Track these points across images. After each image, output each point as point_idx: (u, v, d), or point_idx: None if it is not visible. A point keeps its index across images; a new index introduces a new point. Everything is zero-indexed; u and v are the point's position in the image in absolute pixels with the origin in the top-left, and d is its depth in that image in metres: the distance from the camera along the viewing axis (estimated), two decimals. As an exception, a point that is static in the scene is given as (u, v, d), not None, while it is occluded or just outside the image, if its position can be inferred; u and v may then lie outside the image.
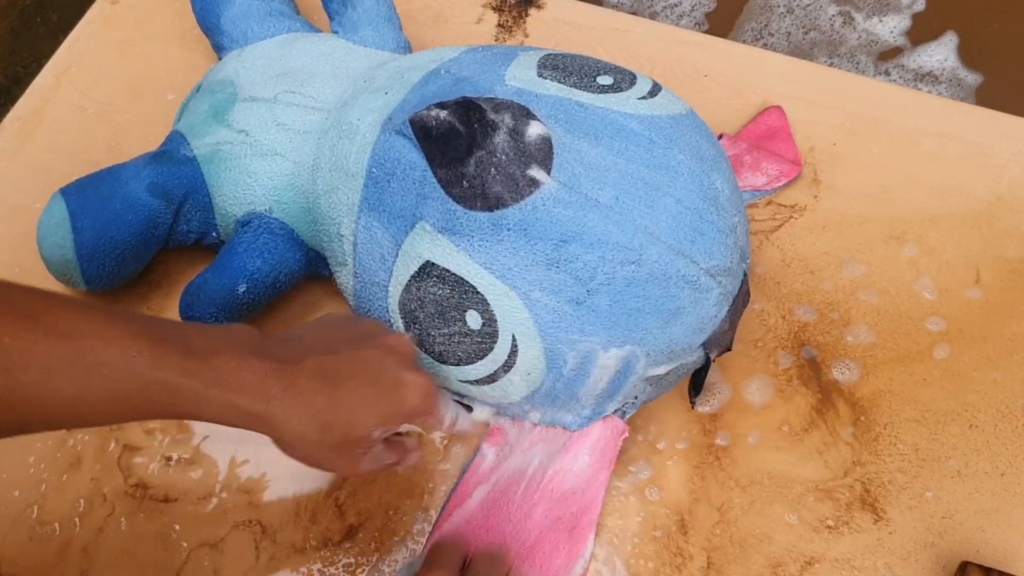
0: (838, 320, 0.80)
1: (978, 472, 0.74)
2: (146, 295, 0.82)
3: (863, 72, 1.53)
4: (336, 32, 0.83)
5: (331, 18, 0.84)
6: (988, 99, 0.93)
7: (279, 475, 0.74)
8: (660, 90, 0.69)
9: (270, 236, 0.76)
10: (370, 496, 0.73)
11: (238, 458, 0.75)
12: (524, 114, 0.63)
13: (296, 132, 0.76)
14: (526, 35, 0.95)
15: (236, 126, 0.77)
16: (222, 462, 0.75)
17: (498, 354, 0.64)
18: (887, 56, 1.56)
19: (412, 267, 0.64)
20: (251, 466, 0.75)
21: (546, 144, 0.62)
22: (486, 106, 0.64)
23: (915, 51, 1.55)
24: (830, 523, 0.72)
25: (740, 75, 0.93)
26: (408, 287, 0.64)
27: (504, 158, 0.62)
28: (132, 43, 0.96)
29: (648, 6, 1.60)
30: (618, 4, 1.60)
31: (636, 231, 0.61)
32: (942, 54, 1.55)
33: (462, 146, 0.64)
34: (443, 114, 0.65)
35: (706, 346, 0.66)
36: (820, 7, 1.60)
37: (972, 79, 1.52)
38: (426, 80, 0.69)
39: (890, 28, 1.58)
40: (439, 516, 0.72)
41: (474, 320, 0.63)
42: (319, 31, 0.85)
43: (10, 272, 0.83)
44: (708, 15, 1.60)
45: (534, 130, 0.62)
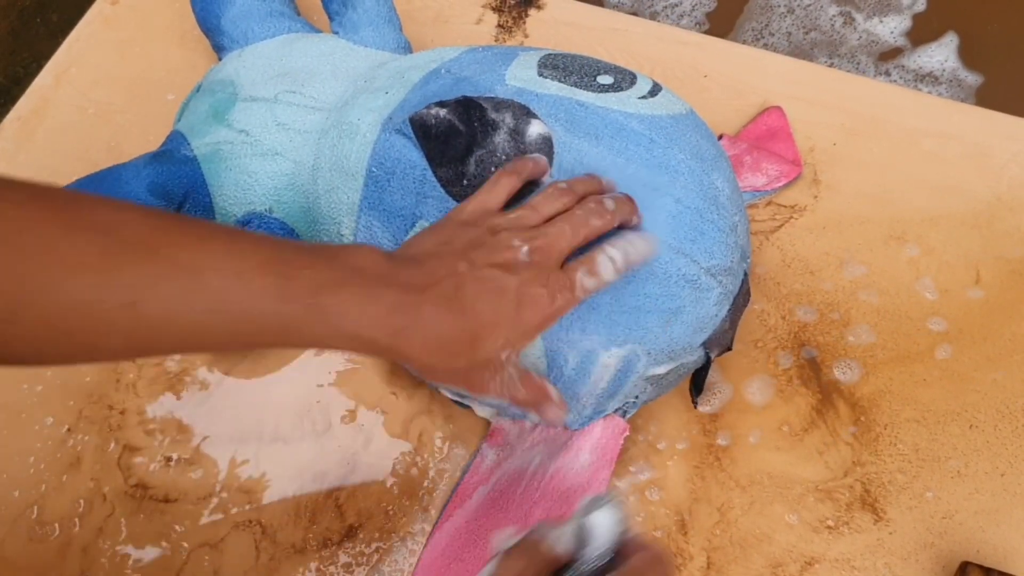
0: (838, 320, 0.80)
1: (978, 472, 0.74)
2: None
3: (863, 72, 1.53)
4: (336, 33, 0.83)
5: (331, 19, 0.84)
6: (988, 100, 0.93)
7: (279, 475, 0.74)
8: (660, 90, 0.69)
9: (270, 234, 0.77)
10: (370, 496, 0.73)
11: (238, 458, 0.75)
12: (525, 113, 0.63)
13: (296, 132, 0.76)
14: (526, 35, 0.95)
15: (236, 126, 0.77)
16: (222, 462, 0.75)
17: None
18: (887, 56, 1.56)
19: None
20: (251, 466, 0.75)
21: (547, 143, 0.62)
22: (487, 105, 0.64)
23: (915, 51, 1.55)
24: (830, 523, 0.72)
25: (740, 75, 0.93)
26: None
27: (504, 157, 0.63)
28: (132, 43, 0.96)
29: (648, 6, 1.60)
30: (618, 4, 1.60)
31: (645, 224, 0.62)
32: (942, 55, 1.55)
33: (462, 145, 0.64)
34: (443, 112, 0.65)
35: (707, 345, 0.66)
36: (821, 7, 1.60)
37: (972, 79, 1.52)
38: (426, 80, 0.69)
39: (890, 28, 1.58)
40: (439, 516, 0.72)
41: None
42: (319, 31, 0.85)
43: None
44: (708, 15, 1.60)
45: (535, 129, 0.63)
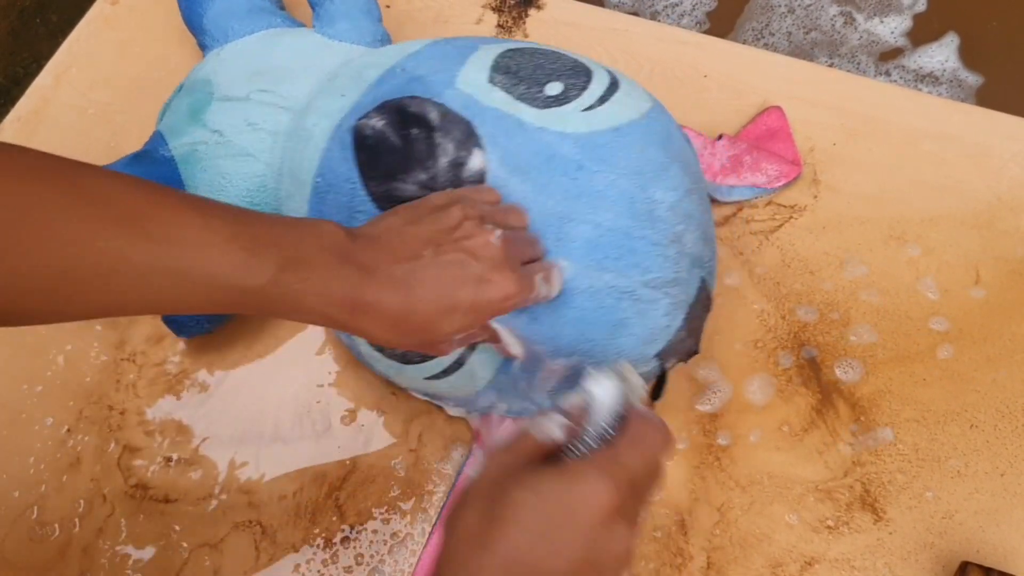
0: (838, 320, 0.80)
1: (978, 472, 0.74)
2: None
3: (864, 73, 1.53)
4: (316, 27, 0.82)
5: (313, 11, 0.83)
6: (989, 100, 0.93)
7: (279, 475, 0.74)
8: (615, 91, 0.68)
9: None
10: (370, 496, 0.73)
11: (238, 459, 0.75)
12: (468, 136, 0.63)
13: (267, 132, 0.75)
14: (526, 35, 0.95)
15: (211, 126, 0.77)
16: (222, 463, 0.75)
17: (447, 357, 0.66)
18: (888, 57, 1.56)
19: None
20: (251, 467, 0.75)
21: (480, 178, 0.63)
22: (430, 116, 0.64)
23: (916, 52, 1.55)
24: (830, 523, 0.72)
25: (740, 75, 0.93)
26: None
27: (442, 185, 0.63)
28: (132, 43, 0.96)
29: (649, 5, 1.60)
30: (619, 4, 1.60)
31: (552, 255, 0.62)
32: (943, 55, 1.54)
33: (397, 161, 0.64)
34: (379, 124, 0.65)
35: (662, 355, 0.67)
36: (821, 7, 1.60)
37: (973, 80, 1.52)
38: (382, 80, 0.69)
39: (891, 29, 1.58)
40: (438, 516, 0.72)
41: None
42: (301, 26, 0.84)
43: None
44: (709, 14, 1.60)
45: (474, 163, 0.63)
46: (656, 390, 0.72)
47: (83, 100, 0.93)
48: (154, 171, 0.77)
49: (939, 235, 0.84)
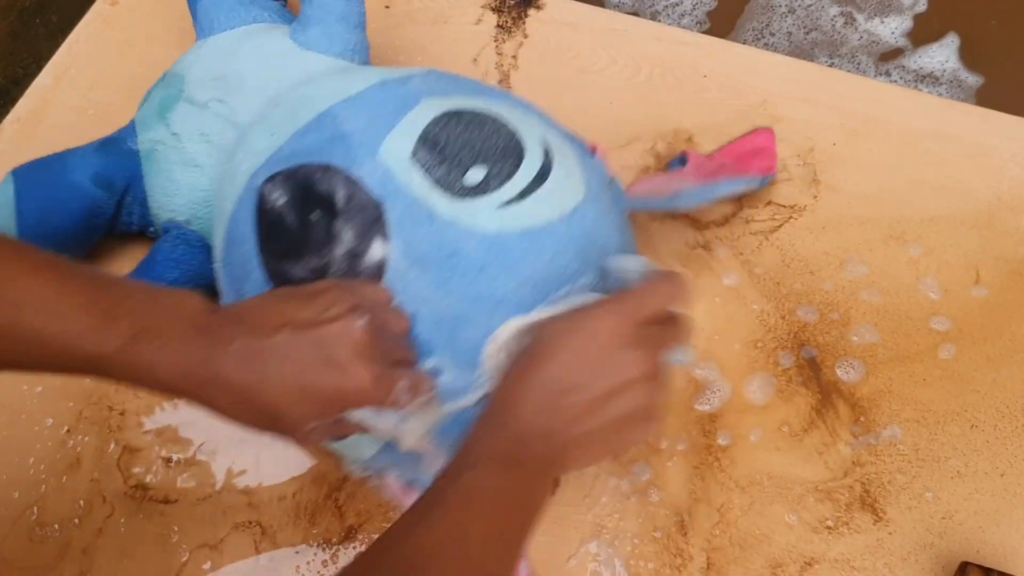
0: (838, 320, 0.80)
1: (978, 472, 0.74)
2: None
3: (864, 73, 1.53)
4: (292, 29, 0.79)
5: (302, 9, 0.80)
6: (989, 101, 0.93)
7: (279, 476, 0.74)
8: (542, 183, 0.63)
9: (187, 248, 0.76)
10: (370, 497, 0.73)
11: (237, 460, 0.75)
12: (373, 222, 0.61)
13: (215, 146, 0.74)
14: (525, 35, 0.95)
15: (172, 127, 0.76)
16: (222, 463, 0.75)
17: None
18: (888, 57, 1.55)
19: None
20: (250, 468, 0.75)
21: (379, 271, 0.61)
22: (339, 198, 0.61)
23: (916, 52, 1.55)
24: (830, 524, 0.72)
25: (740, 75, 0.93)
26: None
27: (337, 274, 0.61)
28: (132, 44, 0.96)
29: (649, 5, 1.60)
30: (619, 4, 1.60)
31: (438, 358, 0.60)
32: (943, 55, 1.54)
33: (293, 243, 0.62)
34: (281, 201, 0.63)
35: None
36: (822, 7, 1.60)
37: (973, 80, 1.52)
38: (310, 127, 0.66)
39: (891, 29, 1.58)
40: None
41: None
42: (288, 21, 0.82)
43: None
44: (709, 14, 1.60)
45: (374, 255, 0.61)
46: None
47: (83, 100, 0.93)
48: (118, 162, 0.77)
49: (939, 235, 0.84)
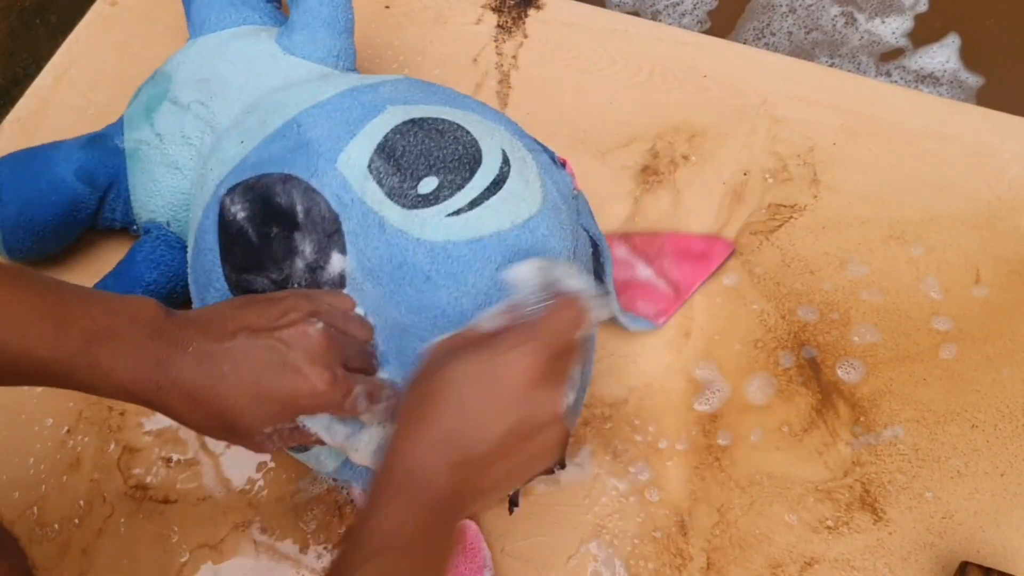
0: (838, 320, 0.80)
1: (978, 472, 0.74)
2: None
3: (864, 73, 1.53)
4: (279, 33, 0.78)
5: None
6: (989, 102, 0.93)
7: (279, 476, 0.74)
8: (495, 192, 0.62)
9: (167, 249, 0.76)
10: (369, 497, 0.73)
11: (238, 459, 0.75)
12: (330, 236, 0.60)
13: (195, 149, 0.74)
14: (525, 35, 0.95)
15: (156, 127, 0.76)
16: (222, 463, 0.75)
17: None
18: (889, 57, 1.55)
19: None
20: (250, 467, 0.75)
21: (340, 283, 0.61)
22: (299, 211, 0.61)
23: (917, 52, 1.55)
24: (830, 523, 0.72)
25: (740, 75, 0.93)
26: None
27: (297, 287, 0.61)
28: (131, 44, 0.96)
29: (650, 5, 1.60)
30: (620, 3, 1.60)
31: (390, 371, 0.60)
32: (944, 56, 1.54)
33: (252, 257, 0.62)
34: (241, 215, 0.62)
35: None
36: (822, 7, 1.60)
37: (973, 81, 1.52)
38: (277, 135, 0.65)
39: (892, 29, 1.58)
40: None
41: None
42: (281, 24, 0.81)
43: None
44: (710, 13, 1.59)
45: (334, 268, 0.61)
46: (513, 497, 0.70)
47: (83, 101, 0.93)
48: (103, 159, 0.77)
49: (939, 235, 0.84)
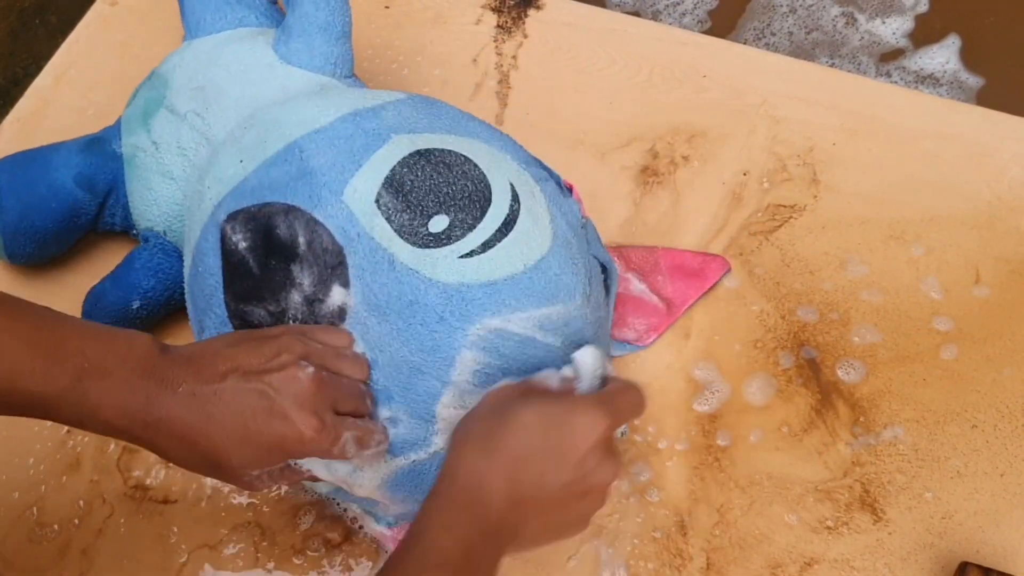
0: (838, 320, 0.80)
1: (978, 472, 0.74)
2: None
3: (864, 73, 1.53)
4: (275, 39, 0.76)
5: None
6: (990, 102, 0.93)
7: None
8: (507, 234, 0.62)
9: (164, 257, 0.76)
10: (369, 497, 0.73)
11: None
12: (333, 269, 0.60)
13: (189, 161, 0.73)
14: (525, 36, 0.95)
15: (153, 134, 0.75)
16: (221, 463, 0.75)
17: None
18: (889, 57, 1.56)
19: None
20: (250, 467, 0.75)
21: (340, 316, 0.61)
22: (300, 242, 0.61)
23: (917, 53, 1.55)
24: (829, 524, 0.72)
25: (740, 75, 0.93)
26: None
27: (295, 320, 0.61)
28: (131, 44, 0.96)
29: (651, 5, 1.60)
30: (620, 3, 1.60)
31: (394, 408, 0.60)
32: (944, 56, 1.54)
33: (253, 287, 0.62)
34: (243, 245, 0.62)
35: None
36: (823, 7, 1.60)
37: (974, 82, 1.52)
38: (276, 159, 0.65)
39: (892, 30, 1.58)
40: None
41: None
42: (278, 23, 0.80)
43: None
44: (711, 13, 1.60)
45: (334, 301, 0.60)
46: None
47: (83, 101, 0.93)
48: (102, 164, 0.77)
49: (939, 235, 0.83)
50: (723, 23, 1.59)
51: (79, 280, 0.80)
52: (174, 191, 0.74)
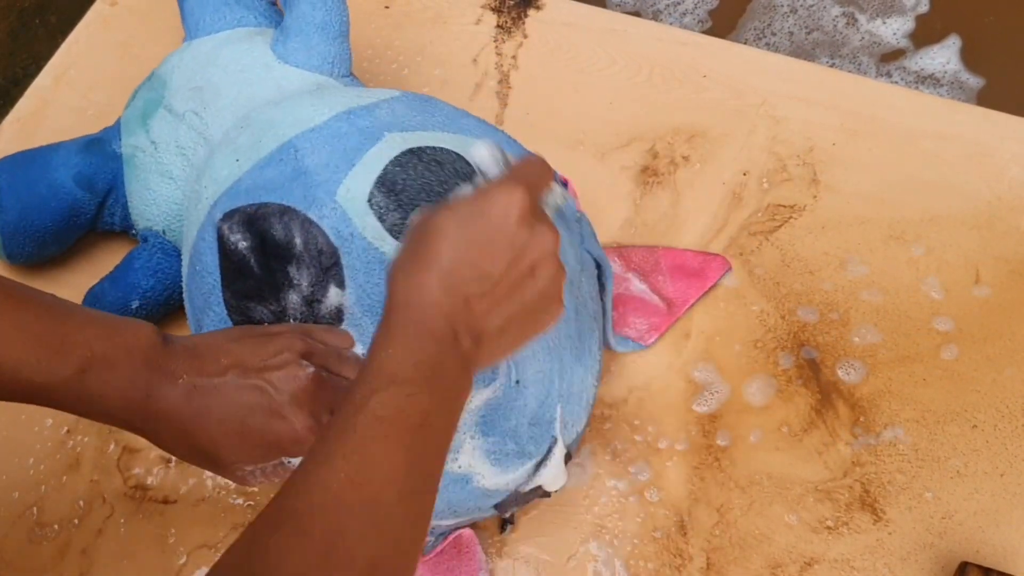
0: (838, 320, 0.80)
1: (978, 472, 0.74)
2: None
3: (865, 74, 1.53)
4: (274, 38, 0.76)
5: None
6: (990, 103, 0.93)
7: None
8: None
9: (163, 257, 0.76)
10: (369, 497, 0.73)
11: (237, 459, 0.75)
12: (329, 269, 0.60)
13: (188, 161, 0.74)
14: (525, 36, 0.95)
15: (152, 134, 0.76)
16: (221, 463, 0.75)
17: None
18: (889, 58, 1.56)
19: None
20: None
21: (337, 317, 0.61)
22: (296, 243, 0.61)
23: (917, 53, 1.55)
24: (829, 524, 0.72)
25: (740, 75, 0.93)
26: None
27: (294, 319, 0.61)
28: (131, 44, 0.96)
29: (651, 4, 1.60)
30: (621, 2, 1.60)
31: None
32: (944, 57, 1.54)
33: (252, 287, 0.62)
34: (242, 244, 0.62)
35: (500, 507, 0.66)
36: (824, 8, 1.60)
37: (974, 82, 1.52)
38: (271, 159, 0.65)
39: (893, 30, 1.58)
40: (438, 517, 0.72)
41: None
42: (277, 24, 0.80)
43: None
44: (711, 12, 1.60)
45: (331, 301, 0.60)
46: (502, 524, 0.72)
47: (83, 101, 0.93)
48: (102, 164, 0.77)
49: (939, 235, 0.83)
50: (724, 23, 1.59)
51: (79, 280, 0.80)
52: (173, 191, 0.75)
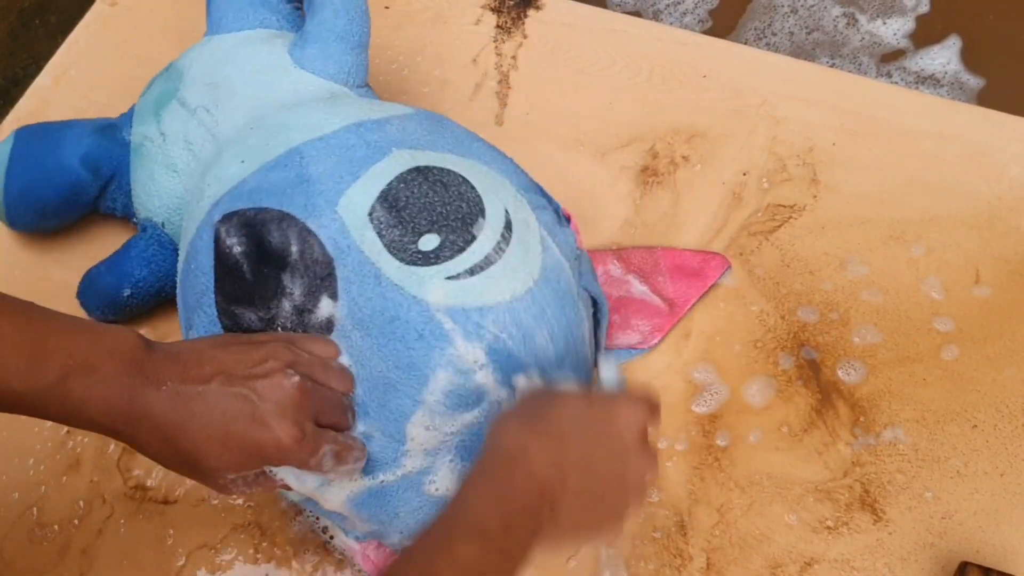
0: (838, 321, 0.80)
1: (978, 472, 0.74)
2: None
3: (865, 74, 1.53)
4: (292, 43, 0.76)
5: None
6: (990, 103, 0.93)
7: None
8: (495, 261, 0.61)
9: (159, 249, 0.76)
10: (369, 497, 0.73)
11: (237, 459, 0.75)
12: (323, 280, 0.60)
13: (194, 156, 0.74)
14: (525, 36, 0.95)
15: (162, 126, 0.76)
16: (221, 463, 0.75)
17: None
18: (889, 58, 1.56)
19: None
20: (250, 467, 0.75)
21: (328, 327, 0.60)
22: (293, 251, 0.61)
23: (918, 54, 1.55)
24: (829, 524, 0.72)
25: (740, 75, 0.92)
26: None
27: (284, 328, 0.61)
28: (131, 45, 0.96)
29: (651, 4, 1.60)
30: (621, 2, 1.60)
31: (368, 424, 0.60)
32: (944, 57, 1.54)
33: (245, 291, 0.62)
34: (237, 249, 0.62)
35: None
36: (824, 8, 1.60)
37: (974, 83, 1.52)
38: (277, 163, 0.64)
39: (893, 30, 1.58)
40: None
41: None
42: (298, 28, 0.80)
43: (11, 274, 0.83)
44: (712, 12, 1.60)
45: (322, 312, 0.60)
46: None
47: (82, 101, 0.93)
48: (110, 149, 0.78)
49: (939, 235, 0.83)
50: (724, 23, 1.59)
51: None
52: (176, 184, 0.75)
